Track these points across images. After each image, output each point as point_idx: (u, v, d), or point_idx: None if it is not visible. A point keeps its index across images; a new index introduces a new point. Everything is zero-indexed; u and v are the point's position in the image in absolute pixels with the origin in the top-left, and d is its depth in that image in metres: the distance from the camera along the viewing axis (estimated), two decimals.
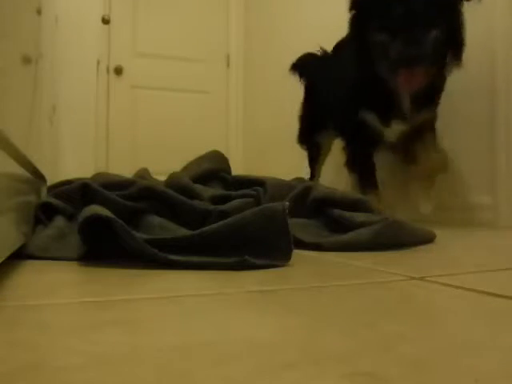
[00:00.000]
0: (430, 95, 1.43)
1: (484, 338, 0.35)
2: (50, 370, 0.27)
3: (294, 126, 2.15)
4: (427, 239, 1.01)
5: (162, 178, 1.22)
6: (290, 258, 0.69)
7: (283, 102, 3.05)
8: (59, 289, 0.53)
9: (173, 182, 1.10)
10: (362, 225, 0.94)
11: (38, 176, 1.22)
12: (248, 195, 1.05)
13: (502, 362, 0.30)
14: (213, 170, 1.28)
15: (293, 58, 2.42)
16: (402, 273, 0.63)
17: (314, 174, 2.08)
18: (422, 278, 0.59)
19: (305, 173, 2.05)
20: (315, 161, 2.08)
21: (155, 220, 0.88)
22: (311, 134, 2.05)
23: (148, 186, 0.95)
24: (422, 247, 0.95)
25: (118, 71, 3.30)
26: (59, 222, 0.88)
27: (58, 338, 0.35)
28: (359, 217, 0.99)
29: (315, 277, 0.64)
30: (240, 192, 1.09)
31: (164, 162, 2.73)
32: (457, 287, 0.54)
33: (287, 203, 0.72)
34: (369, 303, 0.48)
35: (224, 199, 1.01)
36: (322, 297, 0.50)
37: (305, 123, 2.10)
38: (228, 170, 1.33)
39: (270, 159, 3.16)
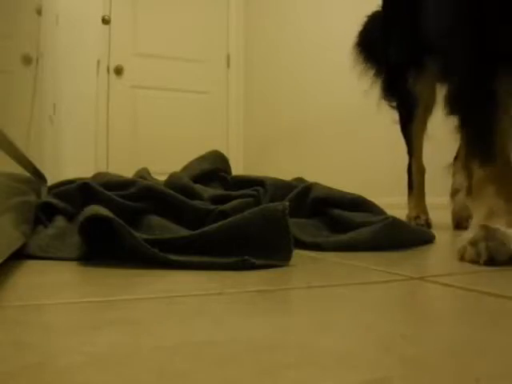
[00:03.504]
0: None
1: (484, 338, 0.35)
2: (50, 370, 0.27)
3: (294, 126, 2.14)
4: (427, 239, 1.01)
5: (162, 178, 1.22)
6: (290, 258, 0.69)
7: (283, 102, 3.05)
8: (59, 289, 0.53)
9: (173, 181, 1.10)
10: (361, 225, 0.94)
11: (38, 176, 1.22)
12: (248, 195, 1.05)
13: (503, 361, 0.30)
14: (213, 170, 1.28)
15: (293, 58, 2.42)
16: (401, 273, 0.63)
17: (411, 146, 1.45)
18: (421, 278, 0.59)
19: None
20: (410, 122, 1.42)
21: (155, 220, 0.88)
22: (401, 80, 1.38)
23: (148, 185, 0.95)
24: (422, 247, 0.95)
25: (118, 71, 3.30)
26: (59, 221, 0.88)
27: (59, 338, 0.35)
28: (359, 217, 0.99)
29: (315, 277, 0.64)
30: (240, 192, 1.09)
31: (164, 161, 2.73)
32: (457, 287, 0.54)
33: (287, 203, 0.72)
34: (369, 303, 0.48)
35: (224, 199, 1.01)
36: (321, 297, 0.50)
37: (391, 62, 1.42)
38: (228, 170, 1.33)
39: (270, 159, 3.16)
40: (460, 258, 0.73)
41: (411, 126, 1.43)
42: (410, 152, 1.47)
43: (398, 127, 1.49)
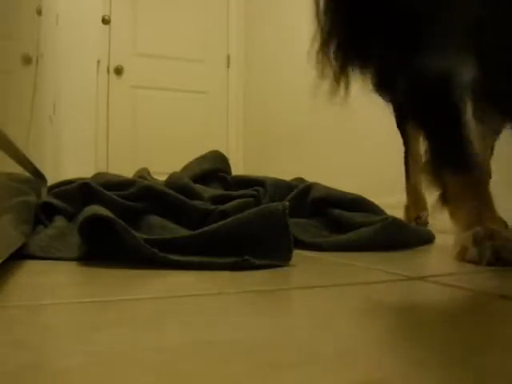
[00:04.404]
0: None
1: (484, 338, 0.35)
2: (50, 371, 0.27)
3: (294, 126, 2.13)
4: (427, 239, 1.01)
5: (162, 178, 1.22)
6: (290, 259, 0.69)
7: (283, 102, 3.05)
8: (59, 289, 0.53)
9: (173, 181, 1.10)
10: (361, 225, 0.94)
11: (38, 176, 1.23)
12: (248, 195, 1.05)
13: (503, 361, 0.30)
14: (213, 170, 1.28)
15: (293, 58, 2.41)
16: (401, 273, 0.63)
17: (407, 143, 1.41)
18: (421, 278, 0.59)
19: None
20: (405, 121, 1.36)
21: (155, 220, 0.88)
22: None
23: (148, 185, 0.96)
24: (422, 247, 0.95)
25: (118, 71, 3.30)
26: (59, 222, 0.88)
27: (59, 338, 0.35)
28: (359, 217, 0.99)
29: (315, 277, 0.64)
30: (240, 192, 1.09)
31: (164, 161, 2.73)
32: (457, 287, 0.54)
33: (287, 203, 0.72)
34: (368, 303, 0.48)
35: (224, 199, 1.01)
36: (321, 297, 0.50)
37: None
38: (228, 170, 1.33)
39: (270, 159, 3.16)
40: (461, 259, 0.71)
41: (406, 125, 1.38)
42: (406, 146, 1.45)
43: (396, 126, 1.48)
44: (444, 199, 0.82)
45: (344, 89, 1.14)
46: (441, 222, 0.91)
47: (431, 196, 0.91)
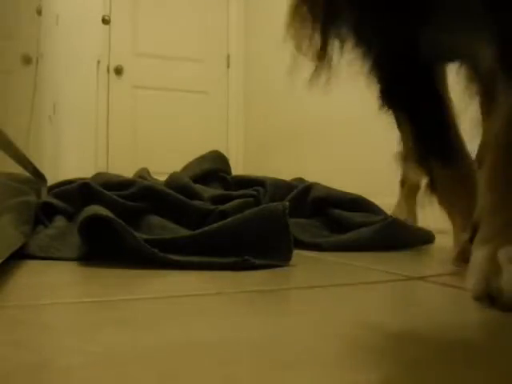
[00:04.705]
0: None
1: (484, 339, 0.35)
2: (50, 370, 0.27)
3: (294, 126, 2.13)
4: (427, 239, 1.01)
5: (162, 178, 1.22)
6: (290, 259, 0.69)
7: (283, 102, 3.05)
8: (59, 289, 0.53)
9: (173, 181, 1.10)
10: (361, 225, 0.94)
11: (38, 176, 1.23)
12: (248, 195, 1.05)
13: (503, 362, 0.30)
14: (213, 170, 1.28)
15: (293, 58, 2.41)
16: (401, 273, 0.63)
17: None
18: (421, 278, 0.59)
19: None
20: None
21: (155, 220, 0.88)
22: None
23: (148, 185, 0.95)
24: (422, 247, 0.95)
25: (119, 71, 3.30)
26: (59, 222, 0.88)
27: (59, 337, 0.35)
28: (359, 217, 0.99)
29: (315, 277, 0.64)
30: (240, 192, 1.09)
31: (164, 161, 2.72)
32: (456, 287, 0.54)
33: (287, 203, 0.72)
34: (368, 303, 0.48)
35: (224, 199, 1.01)
36: (321, 297, 0.50)
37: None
38: (228, 170, 1.33)
39: (270, 159, 3.16)
40: (460, 260, 0.65)
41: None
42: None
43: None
44: (432, 187, 0.78)
45: (326, 63, 1.05)
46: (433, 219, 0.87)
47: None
